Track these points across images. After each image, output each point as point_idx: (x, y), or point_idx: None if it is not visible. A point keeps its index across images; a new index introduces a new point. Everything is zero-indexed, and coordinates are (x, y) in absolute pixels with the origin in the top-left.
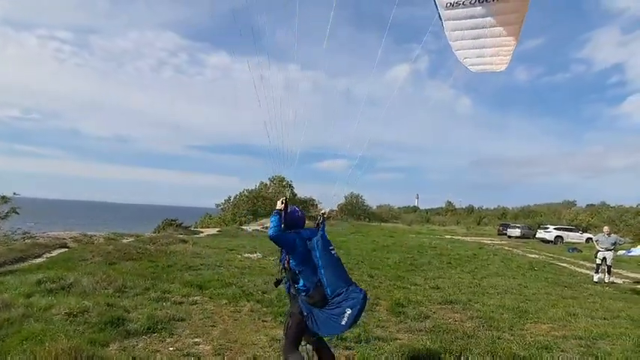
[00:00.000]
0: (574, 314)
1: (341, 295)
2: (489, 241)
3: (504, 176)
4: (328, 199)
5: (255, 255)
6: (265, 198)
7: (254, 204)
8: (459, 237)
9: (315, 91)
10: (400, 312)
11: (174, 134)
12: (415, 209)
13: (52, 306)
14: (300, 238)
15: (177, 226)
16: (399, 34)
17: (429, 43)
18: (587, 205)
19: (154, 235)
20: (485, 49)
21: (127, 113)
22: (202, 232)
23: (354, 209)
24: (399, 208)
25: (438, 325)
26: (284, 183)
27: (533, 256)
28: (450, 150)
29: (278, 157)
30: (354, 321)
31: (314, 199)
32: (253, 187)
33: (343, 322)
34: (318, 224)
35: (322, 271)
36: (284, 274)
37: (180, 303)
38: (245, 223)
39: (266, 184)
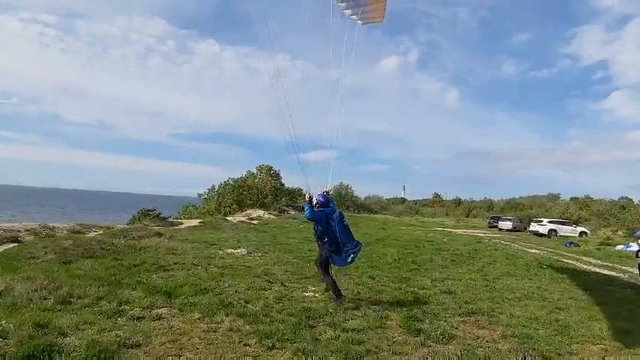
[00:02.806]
0: (626, 331)
1: (348, 247)
2: (483, 234)
3: (488, 169)
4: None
5: (238, 251)
6: (252, 187)
7: (240, 193)
8: (450, 229)
9: (304, 82)
10: (417, 330)
11: (159, 122)
12: (403, 200)
13: None
14: (324, 214)
15: (154, 216)
16: (390, 26)
17: (419, 36)
18: (571, 198)
19: (126, 227)
20: (366, 6)
21: (111, 100)
22: (182, 224)
23: (343, 200)
24: (387, 199)
25: (470, 350)
26: (271, 172)
27: (533, 251)
28: (435, 142)
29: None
30: (353, 260)
31: (301, 190)
32: (239, 176)
33: (349, 260)
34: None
35: (339, 235)
36: (314, 233)
37: (140, 318)
38: (230, 213)
39: (253, 173)
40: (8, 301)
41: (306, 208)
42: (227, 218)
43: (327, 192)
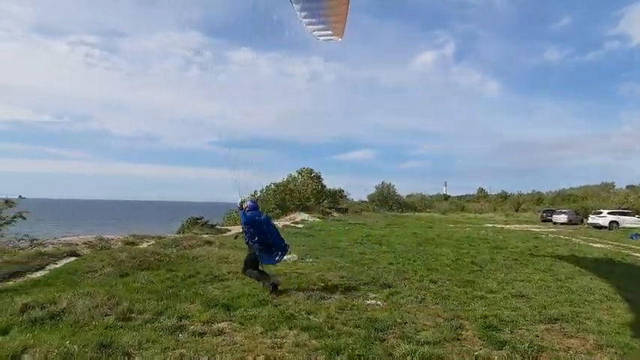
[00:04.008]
0: None
1: (276, 247)
2: (537, 229)
3: (534, 160)
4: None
5: (289, 257)
6: (293, 191)
7: (282, 198)
8: (502, 225)
9: (339, 83)
10: (500, 342)
11: (199, 131)
12: (446, 197)
13: (26, 350)
14: (252, 217)
15: (202, 224)
16: (423, 20)
17: (455, 28)
18: (627, 186)
19: (177, 236)
20: (326, 24)
21: (155, 112)
22: (230, 230)
23: (385, 199)
24: (430, 196)
25: None
26: (312, 175)
27: (597, 245)
28: (477, 135)
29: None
30: (280, 259)
31: (342, 190)
32: (280, 180)
33: (276, 259)
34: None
35: (269, 235)
36: (243, 235)
37: (202, 334)
38: (274, 218)
39: (294, 177)
40: (71, 319)
41: (240, 214)
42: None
43: (256, 199)
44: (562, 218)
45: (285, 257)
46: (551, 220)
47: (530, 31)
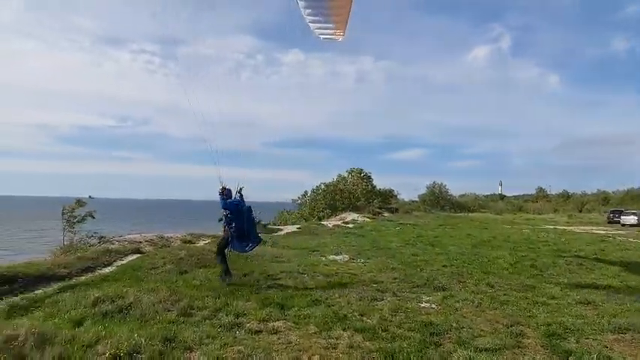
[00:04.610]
0: None
1: (250, 237)
2: (604, 232)
3: (599, 157)
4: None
5: (340, 257)
6: (343, 191)
7: (332, 198)
8: (564, 227)
9: (389, 81)
10: (565, 351)
11: (252, 132)
12: (502, 197)
13: (99, 341)
14: (233, 204)
15: (255, 224)
16: (476, 13)
17: (511, 20)
18: None
19: None
20: (329, 23)
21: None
22: (282, 230)
23: (437, 199)
24: (485, 196)
25: None
26: (362, 175)
27: None
28: (535, 132)
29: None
30: (250, 249)
31: (393, 190)
32: (330, 180)
33: (247, 248)
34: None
35: (246, 223)
36: (223, 220)
37: (258, 332)
38: (324, 218)
39: (344, 177)
40: (137, 313)
41: (219, 199)
42: (322, 223)
43: (240, 188)
44: (631, 219)
45: (338, 257)
46: (618, 222)
47: (593, 20)
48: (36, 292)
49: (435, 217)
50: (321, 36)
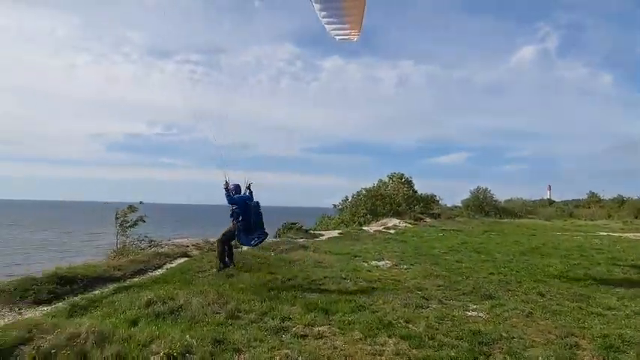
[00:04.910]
0: None
1: (257, 231)
2: None
3: None
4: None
5: (383, 263)
6: (384, 196)
7: (373, 203)
8: (618, 234)
9: (430, 84)
10: None
11: (292, 138)
12: (550, 202)
13: (153, 340)
14: (242, 199)
15: (297, 229)
16: (521, 13)
17: (559, 19)
18: None
19: (274, 240)
20: (343, 25)
21: (250, 122)
22: (323, 235)
23: (481, 205)
24: (533, 201)
25: None
26: (403, 180)
27: None
28: (586, 135)
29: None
30: (256, 244)
31: (435, 195)
32: (370, 185)
33: (252, 242)
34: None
35: (253, 217)
36: (232, 214)
37: (304, 336)
38: (364, 223)
39: (385, 182)
40: (187, 314)
41: (225, 194)
42: (364, 228)
43: (249, 184)
44: None
45: (380, 263)
46: None
47: None
48: (94, 292)
49: (479, 223)
50: (337, 37)
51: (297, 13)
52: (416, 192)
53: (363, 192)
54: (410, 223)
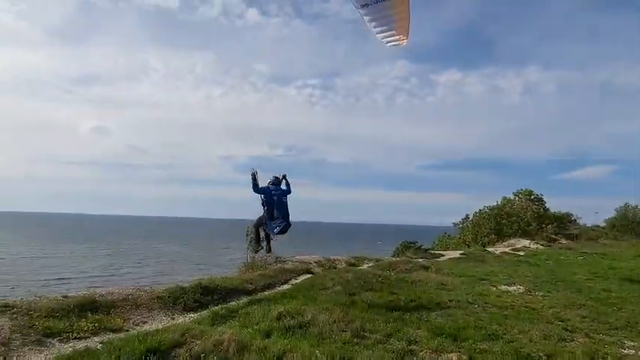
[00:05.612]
0: None
1: (279, 219)
2: None
3: None
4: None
5: (514, 288)
6: (510, 215)
7: (498, 222)
8: None
9: (562, 91)
10: None
11: (407, 155)
12: None
13: (285, 353)
14: (269, 189)
15: (416, 248)
16: None
17: None
18: None
19: (393, 259)
20: (391, 31)
21: (365, 141)
22: (443, 255)
23: (631, 225)
24: None
25: None
26: (532, 197)
27: None
28: None
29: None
30: (279, 232)
31: (571, 214)
32: (494, 203)
33: (275, 230)
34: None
35: (276, 206)
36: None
37: None
38: (488, 243)
39: (510, 199)
40: (315, 330)
41: (252, 183)
42: (488, 249)
43: (284, 175)
44: None
45: (510, 288)
46: None
47: None
48: (231, 303)
49: (629, 245)
50: (388, 44)
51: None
52: (547, 210)
53: (486, 210)
54: (542, 245)
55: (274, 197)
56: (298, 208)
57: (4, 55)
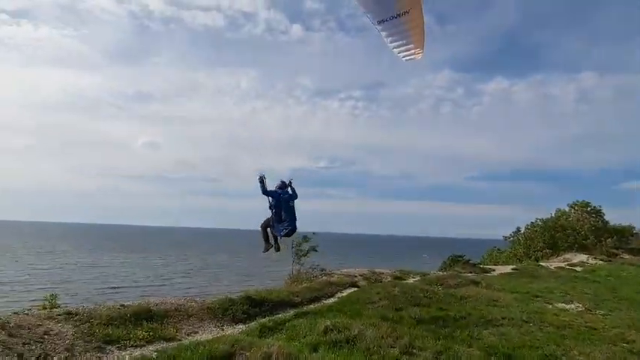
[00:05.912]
0: None
1: (286, 222)
2: None
3: None
4: None
5: (572, 306)
6: (565, 228)
7: (552, 235)
8: None
9: (620, 96)
10: None
11: (454, 166)
12: None
13: None
14: (277, 193)
15: (465, 263)
16: None
17: None
18: None
19: (440, 274)
20: (408, 45)
21: (410, 152)
22: (494, 270)
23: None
24: None
25: None
26: (589, 208)
27: None
28: None
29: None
30: (286, 234)
31: (633, 227)
32: (547, 215)
33: (282, 233)
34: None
35: (283, 209)
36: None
37: None
38: (542, 258)
39: (565, 212)
40: (363, 345)
41: (260, 186)
42: (541, 264)
43: (290, 180)
44: None
45: (568, 306)
46: None
47: None
48: (278, 315)
49: None
50: (404, 58)
51: (454, 39)
52: (607, 223)
53: (539, 223)
54: (602, 260)
55: (281, 201)
56: (343, 219)
57: (67, 76)
